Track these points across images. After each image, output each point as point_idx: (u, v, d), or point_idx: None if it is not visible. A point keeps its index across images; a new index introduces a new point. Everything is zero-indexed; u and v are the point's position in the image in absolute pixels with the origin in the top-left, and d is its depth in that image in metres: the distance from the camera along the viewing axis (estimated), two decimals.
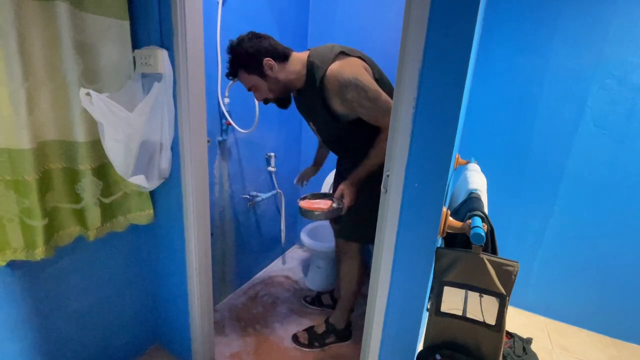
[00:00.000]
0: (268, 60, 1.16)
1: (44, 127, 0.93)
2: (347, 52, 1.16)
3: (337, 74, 1.11)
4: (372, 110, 1.12)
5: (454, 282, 0.80)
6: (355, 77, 1.10)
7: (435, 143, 0.73)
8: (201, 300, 1.28)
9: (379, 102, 1.11)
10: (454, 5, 0.66)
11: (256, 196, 1.85)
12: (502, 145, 1.73)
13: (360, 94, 1.10)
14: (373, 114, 1.13)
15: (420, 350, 0.88)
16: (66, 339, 1.13)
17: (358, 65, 1.14)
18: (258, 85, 1.21)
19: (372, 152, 1.18)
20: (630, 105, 1.48)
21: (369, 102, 1.11)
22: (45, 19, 0.88)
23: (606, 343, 1.67)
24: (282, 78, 1.20)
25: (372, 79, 1.13)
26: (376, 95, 1.11)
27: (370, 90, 1.10)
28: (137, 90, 1.10)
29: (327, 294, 1.86)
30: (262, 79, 1.19)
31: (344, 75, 1.10)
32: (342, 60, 1.13)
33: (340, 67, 1.11)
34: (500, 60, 1.64)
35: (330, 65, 1.13)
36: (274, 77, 1.18)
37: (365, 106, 1.12)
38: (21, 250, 0.93)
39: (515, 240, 1.81)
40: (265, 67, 1.16)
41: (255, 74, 1.19)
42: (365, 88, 1.09)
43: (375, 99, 1.11)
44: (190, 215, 1.17)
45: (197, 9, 1.04)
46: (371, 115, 1.14)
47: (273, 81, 1.20)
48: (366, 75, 1.12)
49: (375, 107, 1.11)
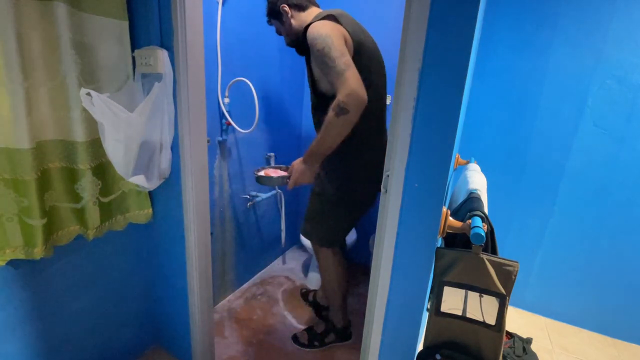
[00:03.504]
0: (284, 6, 1.25)
1: (43, 126, 0.93)
2: (337, 17, 1.15)
3: (313, 29, 1.11)
4: (330, 70, 1.07)
5: (454, 282, 0.80)
6: (326, 33, 1.08)
7: (435, 143, 0.73)
8: (201, 300, 1.27)
9: (338, 62, 1.06)
10: (454, 5, 0.66)
11: (256, 196, 1.85)
12: (502, 145, 1.73)
13: (324, 50, 1.07)
14: (330, 73, 1.08)
15: (420, 350, 0.88)
16: (66, 339, 1.13)
17: (336, 29, 1.11)
18: (280, 29, 1.33)
19: (323, 124, 1.12)
20: (630, 105, 1.48)
21: (330, 60, 1.06)
22: (44, 19, 0.88)
23: (606, 343, 1.67)
24: (295, 24, 1.26)
25: (343, 45, 1.10)
26: (339, 54, 1.06)
27: (334, 49, 1.06)
28: (137, 91, 1.10)
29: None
30: (281, 24, 1.29)
31: (318, 30, 1.10)
32: (325, 21, 1.13)
33: (319, 25, 1.12)
34: (500, 60, 1.64)
35: (314, 22, 1.15)
36: (289, 22, 1.27)
37: (326, 63, 1.08)
38: (21, 249, 0.93)
39: (515, 240, 1.81)
40: (282, 12, 1.26)
41: (277, 19, 1.30)
42: (330, 45, 1.07)
43: (334, 58, 1.06)
44: (190, 215, 1.17)
45: (197, 9, 1.04)
46: (329, 76, 1.09)
47: (289, 27, 1.28)
48: (338, 37, 1.09)
49: (333, 66, 1.06)
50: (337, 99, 1.05)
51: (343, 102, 1.04)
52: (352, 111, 1.04)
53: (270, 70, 1.83)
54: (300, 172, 1.24)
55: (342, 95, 1.04)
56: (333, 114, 1.06)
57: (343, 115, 1.05)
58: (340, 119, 1.06)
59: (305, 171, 1.23)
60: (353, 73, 1.05)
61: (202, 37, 1.08)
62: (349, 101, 1.03)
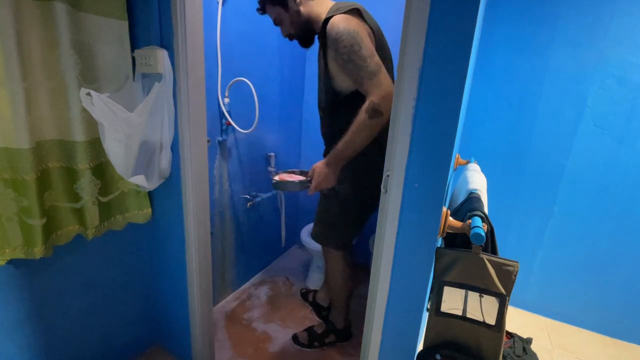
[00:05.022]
0: None
1: (42, 126, 0.93)
2: (361, 12, 1.10)
3: (337, 23, 1.05)
4: (360, 70, 1.03)
5: (454, 282, 0.80)
6: (355, 30, 1.03)
7: (435, 143, 0.73)
8: (201, 300, 1.27)
9: (370, 62, 1.02)
10: (454, 5, 0.66)
11: (256, 196, 1.85)
12: (502, 145, 1.73)
13: (354, 47, 1.02)
14: (360, 73, 1.04)
15: (420, 350, 0.88)
16: (65, 338, 1.13)
17: (362, 26, 1.07)
18: (281, 17, 1.21)
19: (352, 126, 1.08)
20: (630, 105, 1.48)
21: (360, 59, 1.03)
22: (44, 19, 0.88)
23: (606, 343, 1.67)
24: (304, 12, 1.17)
25: (371, 44, 1.06)
26: (369, 54, 1.03)
27: (364, 48, 1.03)
28: (137, 91, 1.10)
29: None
30: (285, 10, 1.19)
31: (345, 25, 1.04)
32: (350, 16, 1.07)
33: (344, 19, 1.05)
34: (500, 60, 1.64)
35: (336, 15, 1.07)
36: (296, 9, 1.17)
37: (355, 62, 1.04)
38: (20, 249, 0.93)
39: (515, 240, 1.81)
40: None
41: (279, 5, 1.18)
42: (360, 43, 1.02)
43: (366, 58, 1.02)
44: (190, 215, 1.17)
45: (197, 9, 1.04)
46: (358, 75, 1.05)
47: (295, 14, 1.18)
48: (365, 36, 1.05)
49: (364, 65, 1.02)
50: (371, 101, 1.02)
51: (378, 104, 1.01)
52: (386, 114, 1.02)
53: (270, 70, 1.83)
54: (324, 175, 1.18)
55: (376, 97, 1.01)
56: (366, 116, 1.03)
57: (377, 117, 1.03)
58: (374, 121, 1.03)
59: (329, 175, 1.18)
60: (385, 75, 1.03)
61: (202, 37, 1.07)
62: (385, 103, 1.01)
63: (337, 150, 1.14)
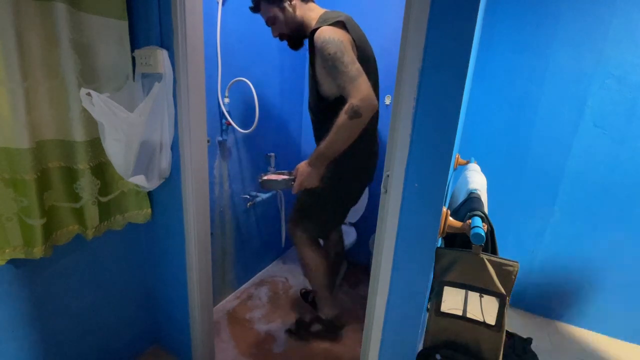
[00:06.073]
0: None
1: (42, 126, 0.93)
2: (347, 25, 1.17)
3: (324, 33, 1.12)
4: (342, 74, 1.11)
5: (454, 282, 0.80)
6: (339, 39, 1.11)
7: (435, 143, 0.73)
8: (201, 300, 1.27)
9: (351, 67, 1.10)
10: (454, 5, 0.66)
11: (256, 196, 1.85)
12: (502, 145, 1.73)
13: (337, 54, 1.10)
14: (342, 78, 1.11)
15: (420, 350, 0.88)
16: (65, 338, 1.13)
17: (345, 37, 1.15)
18: (276, 17, 1.25)
19: (333, 127, 1.14)
20: (630, 105, 1.48)
21: (342, 65, 1.10)
22: (44, 19, 0.88)
23: (606, 343, 1.67)
24: (299, 15, 1.24)
25: (352, 52, 1.14)
26: (351, 60, 1.11)
27: (346, 55, 1.11)
28: (137, 90, 1.10)
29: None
30: (281, 11, 1.24)
31: (330, 34, 1.12)
32: (335, 27, 1.15)
33: (330, 30, 1.13)
34: (500, 60, 1.64)
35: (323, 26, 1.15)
36: (292, 12, 1.23)
37: (338, 68, 1.11)
38: (20, 249, 0.93)
39: (515, 240, 1.81)
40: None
41: (275, 5, 1.23)
42: (343, 51, 1.10)
43: (347, 64, 1.10)
44: (190, 215, 1.17)
45: (197, 9, 1.04)
46: (340, 80, 1.12)
47: (290, 16, 1.24)
48: (348, 45, 1.13)
49: (346, 71, 1.10)
50: (351, 103, 1.08)
51: (357, 105, 1.07)
52: (364, 115, 1.08)
53: (270, 70, 1.83)
54: (307, 174, 1.24)
55: (356, 99, 1.07)
56: (346, 117, 1.09)
57: (356, 118, 1.09)
58: (353, 122, 1.09)
59: (311, 174, 1.23)
60: (365, 80, 1.10)
61: (202, 37, 1.07)
62: (363, 105, 1.07)
63: (319, 150, 1.19)
